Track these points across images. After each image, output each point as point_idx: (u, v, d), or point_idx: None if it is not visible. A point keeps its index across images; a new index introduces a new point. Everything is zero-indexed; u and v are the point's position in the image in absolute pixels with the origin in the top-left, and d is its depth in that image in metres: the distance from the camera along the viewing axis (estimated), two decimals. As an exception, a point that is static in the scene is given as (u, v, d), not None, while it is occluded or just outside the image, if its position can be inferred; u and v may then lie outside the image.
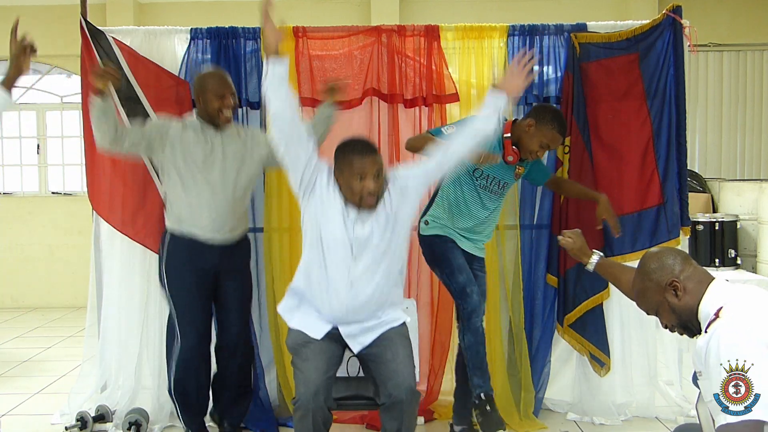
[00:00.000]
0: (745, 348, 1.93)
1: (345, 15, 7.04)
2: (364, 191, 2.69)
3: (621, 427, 3.83)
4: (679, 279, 2.17)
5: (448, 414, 3.89)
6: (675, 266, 2.19)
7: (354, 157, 2.70)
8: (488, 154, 3.11)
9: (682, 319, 2.18)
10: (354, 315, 2.80)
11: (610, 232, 3.73)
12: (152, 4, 7.50)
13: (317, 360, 2.74)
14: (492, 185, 3.39)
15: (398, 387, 2.71)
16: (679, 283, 2.16)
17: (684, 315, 2.16)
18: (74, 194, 7.84)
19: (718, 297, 2.10)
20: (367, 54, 3.87)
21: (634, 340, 3.93)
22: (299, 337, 2.81)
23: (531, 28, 3.86)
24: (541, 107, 3.41)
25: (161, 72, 3.82)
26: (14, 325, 6.77)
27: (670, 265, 2.19)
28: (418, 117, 3.89)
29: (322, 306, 2.81)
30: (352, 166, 2.70)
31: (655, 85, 3.80)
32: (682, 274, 2.17)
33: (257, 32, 3.84)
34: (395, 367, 2.74)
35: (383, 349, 2.79)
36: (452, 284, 3.34)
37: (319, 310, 2.83)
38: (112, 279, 3.89)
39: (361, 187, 2.69)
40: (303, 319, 2.85)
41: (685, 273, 2.17)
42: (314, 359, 2.74)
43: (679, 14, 3.78)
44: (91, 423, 3.74)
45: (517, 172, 3.45)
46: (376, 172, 2.71)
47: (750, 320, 1.99)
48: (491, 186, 3.39)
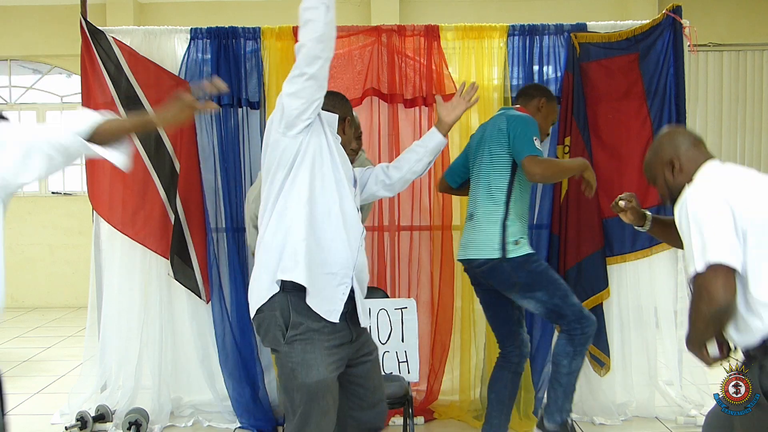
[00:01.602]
0: (703, 200, 2.02)
1: (345, 15, 7.03)
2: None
3: (621, 427, 3.83)
4: (679, 158, 2.25)
5: (448, 414, 3.90)
6: (681, 145, 2.26)
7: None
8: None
9: (673, 195, 2.26)
10: (360, 275, 2.43)
11: (610, 231, 3.75)
12: (152, 4, 7.50)
13: (334, 413, 2.35)
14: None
15: (380, 417, 2.54)
16: (676, 162, 2.26)
17: (675, 192, 2.25)
18: (74, 194, 7.85)
19: (704, 174, 2.19)
20: (367, 54, 3.88)
21: (634, 340, 3.94)
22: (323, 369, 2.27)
23: (531, 28, 3.86)
24: (537, 86, 3.42)
25: (161, 72, 3.82)
26: (14, 325, 6.77)
27: (677, 144, 2.27)
28: (418, 117, 3.90)
29: (336, 255, 2.32)
30: (354, 122, 2.75)
31: (655, 85, 3.80)
32: (685, 154, 2.25)
33: (257, 32, 3.85)
34: (381, 396, 2.54)
35: (370, 369, 2.50)
36: (568, 307, 3.00)
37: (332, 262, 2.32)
38: (112, 279, 3.89)
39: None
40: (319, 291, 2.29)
41: (688, 154, 2.25)
42: (333, 412, 2.34)
43: (679, 14, 3.78)
44: (91, 423, 3.74)
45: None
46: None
47: (716, 181, 2.10)
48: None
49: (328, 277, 2.29)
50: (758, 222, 1.97)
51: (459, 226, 3.92)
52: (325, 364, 2.27)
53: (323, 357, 2.27)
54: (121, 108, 3.75)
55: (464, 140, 3.90)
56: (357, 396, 2.46)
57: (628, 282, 3.91)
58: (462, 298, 3.92)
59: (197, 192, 3.83)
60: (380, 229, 3.91)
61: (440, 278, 3.88)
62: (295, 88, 2.29)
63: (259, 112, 3.87)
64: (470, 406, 3.94)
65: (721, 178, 2.13)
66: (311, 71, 2.26)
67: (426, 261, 3.93)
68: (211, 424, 3.88)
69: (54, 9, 7.46)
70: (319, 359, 2.26)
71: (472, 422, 3.85)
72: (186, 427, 3.87)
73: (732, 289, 1.92)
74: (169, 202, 3.80)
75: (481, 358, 3.95)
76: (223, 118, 3.83)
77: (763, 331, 1.94)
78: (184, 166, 3.79)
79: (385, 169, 2.75)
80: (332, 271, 2.31)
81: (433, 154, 2.76)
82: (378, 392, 2.52)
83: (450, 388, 3.99)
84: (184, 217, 3.78)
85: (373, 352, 2.52)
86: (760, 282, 1.95)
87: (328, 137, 2.40)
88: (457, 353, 3.96)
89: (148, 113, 2.32)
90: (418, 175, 2.81)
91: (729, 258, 1.92)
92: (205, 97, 2.34)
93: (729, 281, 1.92)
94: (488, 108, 3.88)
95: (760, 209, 1.99)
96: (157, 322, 3.86)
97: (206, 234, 3.84)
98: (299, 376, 2.26)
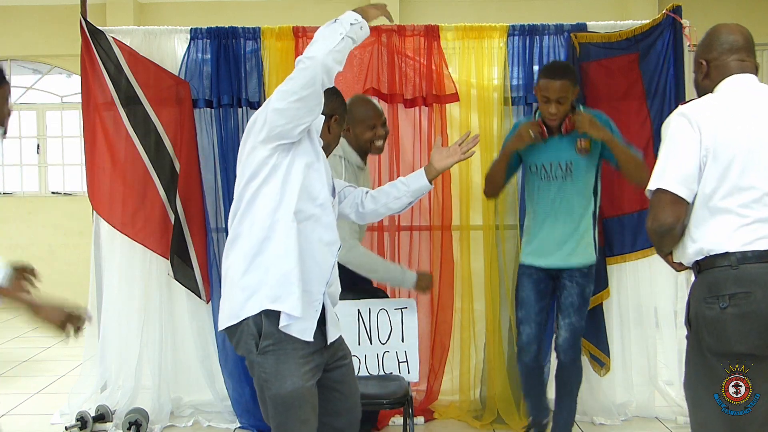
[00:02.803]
0: (680, 125, 2.10)
1: (345, 15, 7.03)
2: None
3: (621, 427, 3.83)
4: (708, 61, 2.22)
5: (448, 414, 3.90)
6: (715, 48, 2.20)
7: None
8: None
9: (699, 97, 2.26)
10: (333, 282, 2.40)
11: (610, 231, 3.75)
12: (152, 4, 7.50)
13: (314, 421, 2.31)
14: (554, 170, 3.29)
15: (354, 423, 2.49)
16: (704, 65, 2.24)
17: (701, 95, 2.26)
18: (74, 194, 7.84)
19: (720, 90, 2.19)
20: (367, 54, 3.87)
21: (634, 340, 3.93)
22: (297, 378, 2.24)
23: (531, 28, 3.86)
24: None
25: (161, 72, 3.82)
26: (14, 325, 6.76)
27: (720, 43, 2.20)
28: (418, 117, 3.89)
29: (311, 273, 2.27)
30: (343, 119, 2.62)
31: (655, 85, 3.80)
32: (717, 59, 2.20)
33: (257, 32, 3.84)
34: (355, 402, 2.50)
35: (345, 373, 2.47)
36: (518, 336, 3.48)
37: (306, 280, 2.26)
38: (112, 279, 3.89)
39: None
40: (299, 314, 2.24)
41: (720, 60, 2.19)
42: (313, 420, 2.30)
43: (679, 14, 3.78)
44: (91, 423, 3.74)
45: (579, 147, 3.23)
46: None
47: (700, 105, 2.15)
48: (552, 172, 3.29)
49: (303, 294, 2.24)
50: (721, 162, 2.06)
51: (459, 227, 3.92)
52: (299, 373, 2.24)
53: (297, 366, 2.24)
54: (121, 108, 3.75)
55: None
56: (331, 401, 2.42)
57: (628, 282, 3.91)
58: (462, 298, 3.92)
59: (197, 192, 3.83)
60: (380, 229, 3.90)
61: (440, 278, 3.88)
62: (283, 105, 2.21)
63: (259, 112, 3.86)
64: (470, 406, 3.94)
65: (720, 102, 2.15)
66: (303, 94, 2.18)
67: (426, 261, 3.92)
68: (211, 424, 3.88)
69: (54, 9, 7.45)
70: (293, 369, 2.24)
71: (472, 422, 3.85)
72: (186, 427, 3.87)
73: (675, 214, 2.08)
74: (169, 202, 3.80)
75: (481, 358, 3.95)
76: (223, 118, 3.83)
77: (692, 256, 2.12)
78: (184, 166, 3.79)
79: (363, 196, 2.66)
80: (306, 289, 2.25)
81: (415, 196, 2.65)
82: (352, 398, 2.48)
83: (450, 388, 3.98)
84: (184, 217, 3.78)
85: (347, 356, 2.49)
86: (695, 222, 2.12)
87: (315, 144, 2.34)
88: (457, 353, 3.96)
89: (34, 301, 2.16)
90: (394, 213, 2.75)
91: (679, 189, 2.07)
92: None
93: (675, 207, 2.07)
94: (488, 108, 3.88)
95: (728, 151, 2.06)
96: (157, 322, 3.86)
97: (206, 234, 3.84)
98: (273, 387, 2.24)
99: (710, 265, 2.07)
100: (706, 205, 2.07)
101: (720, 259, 2.05)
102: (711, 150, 2.05)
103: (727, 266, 2.03)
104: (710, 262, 2.07)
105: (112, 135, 3.81)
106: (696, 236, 2.09)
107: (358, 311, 3.21)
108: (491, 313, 3.89)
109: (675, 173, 2.07)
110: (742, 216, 2.04)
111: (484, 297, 3.91)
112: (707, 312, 2.06)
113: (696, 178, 2.07)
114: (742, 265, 2.01)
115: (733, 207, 2.05)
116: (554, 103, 3.19)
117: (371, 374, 3.19)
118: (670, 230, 2.10)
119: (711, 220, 2.07)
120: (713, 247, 2.06)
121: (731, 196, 2.05)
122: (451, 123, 3.91)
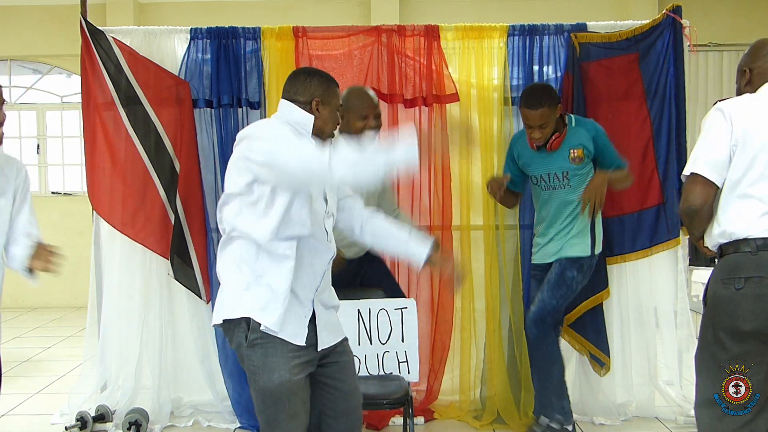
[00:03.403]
0: (716, 116, 2.30)
1: (345, 15, 7.03)
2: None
3: (621, 427, 3.83)
4: (753, 69, 2.40)
5: (448, 414, 3.90)
6: (763, 57, 2.38)
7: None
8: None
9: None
10: (324, 289, 2.39)
11: (610, 231, 3.75)
12: (152, 4, 7.50)
13: (304, 415, 2.31)
14: (552, 181, 3.50)
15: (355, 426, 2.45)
16: (747, 72, 2.42)
17: None
18: (74, 194, 7.84)
19: (760, 91, 2.35)
20: (367, 54, 3.87)
21: (634, 340, 3.93)
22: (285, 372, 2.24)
23: (531, 28, 3.86)
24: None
25: (161, 72, 3.82)
26: (14, 325, 6.76)
27: (764, 53, 2.38)
28: (418, 117, 3.89)
29: (299, 281, 2.29)
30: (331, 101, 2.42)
31: (655, 85, 3.80)
32: (762, 67, 2.37)
33: (257, 32, 3.84)
34: (356, 404, 2.46)
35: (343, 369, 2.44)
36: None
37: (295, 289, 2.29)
38: (112, 279, 3.89)
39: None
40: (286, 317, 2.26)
41: (765, 68, 2.37)
42: (303, 414, 2.30)
43: (679, 14, 3.78)
44: (91, 423, 3.74)
45: (572, 156, 3.45)
46: None
47: (736, 101, 2.33)
48: (552, 183, 3.50)
49: (291, 303, 2.26)
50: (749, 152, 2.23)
51: (459, 226, 3.92)
52: (287, 367, 2.24)
53: (286, 360, 2.24)
54: (121, 108, 3.75)
55: (464, 140, 3.89)
56: (329, 400, 2.41)
57: (628, 282, 3.91)
58: (462, 298, 3.91)
59: (197, 192, 3.83)
60: (380, 229, 3.90)
61: (440, 278, 3.87)
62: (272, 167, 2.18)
63: (259, 112, 3.86)
64: (470, 406, 3.94)
65: (756, 100, 2.33)
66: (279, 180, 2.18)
67: (426, 261, 3.92)
68: (211, 424, 3.88)
69: (54, 9, 7.45)
70: (281, 362, 2.24)
71: (472, 422, 3.85)
72: (186, 427, 3.87)
73: (704, 196, 2.26)
74: (169, 202, 3.80)
75: (481, 358, 3.95)
76: (223, 118, 3.83)
77: (717, 238, 2.30)
78: (184, 166, 3.79)
79: (364, 222, 2.51)
80: (295, 292, 2.27)
81: (407, 257, 2.50)
82: (353, 399, 2.45)
83: (450, 388, 3.98)
84: (184, 217, 3.78)
85: (345, 353, 2.46)
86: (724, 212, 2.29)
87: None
88: (457, 353, 3.96)
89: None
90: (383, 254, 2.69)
91: (709, 174, 2.25)
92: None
93: (705, 190, 2.26)
94: (488, 108, 3.88)
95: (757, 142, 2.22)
96: (157, 322, 3.86)
97: (206, 234, 3.84)
98: (260, 380, 2.24)
99: (732, 249, 2.25)
100: (733, 191, 2.24)
101: (742, 244, 2.22)
102: (741, 140, 2.23)
103: (747, 252, 2.21)
104: (733, 247, 2.25)
105: (112, 135, 3.81)
106: (722, 219, 2.27)
107: (358, 311, 3.21)
108: (491, 313, 3.89)
109: (707, 159, 2.26)
110: (765, 203, 2.20)
111: (484, 297, 3.91)
112: (723, 291, 2.25)
113: (726, 165, 2.25)
114: (762, 252, 2.19)
115: (757, 194, 2.21)
116: (537, 129, 3.40)
117: (371, 374, 3.19)
118: (698, 211, 2.28)
119: (736, 205, 2.24)
120: (736, 231, 2.23)
121: (757, 184, 2.22)
122: (451, 123, 3.91)
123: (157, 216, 3.81)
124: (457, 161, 3.90)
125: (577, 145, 3.44)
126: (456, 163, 3.90)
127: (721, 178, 2.26)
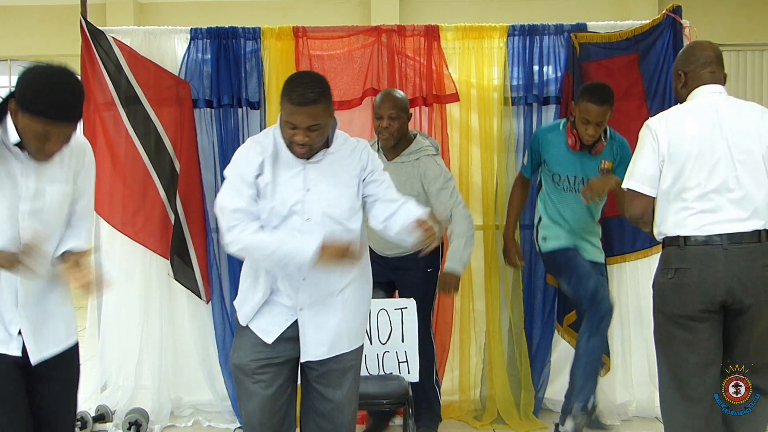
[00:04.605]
0: (647, 131, 2.59)
1: (345, 15, 7.04)
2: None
3: (621, 427, 3.83)
4: (687, 72, 2.62)
5: (448, 414, 3.89)
6: (693, 62, 2.61)
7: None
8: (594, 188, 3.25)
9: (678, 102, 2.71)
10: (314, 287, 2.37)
11: (610, 231, 3.75)
12: (152, 4, 7.51)
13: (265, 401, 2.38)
14: (575, 183, 3.48)
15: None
16: (682, 75, 2.64)
17: (678, 101, 2.73)
18: (74, 194, 7.83)
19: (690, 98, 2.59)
20: (367, 54, 3.88)
21: (634, 340, 3.93)
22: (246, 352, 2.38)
23: (531, 28, 3.86)
24: (582, 86, 3.54)
25: (161, 72, 3.82)
26: (14, 325, 6.75)
27: (696, 58, 2.61)
28: (418, 117, 3.89)
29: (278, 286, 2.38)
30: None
31: (655, 85, 3.80)
32: (695, 71, 2.60)
33: (257, 32, 3.84)
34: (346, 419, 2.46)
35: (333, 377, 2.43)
36: (581, 291, 3.42)
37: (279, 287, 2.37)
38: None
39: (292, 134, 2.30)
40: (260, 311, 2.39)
41: (697, 72, 2.59)
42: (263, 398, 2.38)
43: (679, 14, 3.78)
44: (91, 423, 3.74)
45: (602, 167, 3.38)
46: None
47: (662, 117, 2.59)
48: (576, 186, 3.48)
49: (266, 305, 2.39)
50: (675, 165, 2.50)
51: (459, 226, 3.92)
52: (250, 347, 2.37)
53: (251, 343, 2.38)
54: (121, 108, 3.75)
55: (464, 140, 3.91)
56: (314, 400, 2.44)
57: (628, 282, 3.91)
58: (462, 298, 3.91)
59: (197, 192, 3.83)
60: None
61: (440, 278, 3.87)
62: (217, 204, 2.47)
63: (259, 112, 3.86)
64: (470, 406, 3.94)
65: (681, 113, 2.59)
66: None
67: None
68: (211, 424, 3.88)
69: (54, 9, 7.46)
70: (245, 342, 2.39)
71: (472, 422, 3.85)
72: (186, 427, 3.87)
73: (642, 207, 2.58)
74: (169, 202, 3.80)
75: (481, 358, 3.95)
76: (223, 118, 3.83)
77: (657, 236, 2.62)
78: (184, 166, 3.79)
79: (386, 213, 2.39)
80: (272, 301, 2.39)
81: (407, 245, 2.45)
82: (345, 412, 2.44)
83: (450, 388, 3.98)
84: (184, 217, 3.78)
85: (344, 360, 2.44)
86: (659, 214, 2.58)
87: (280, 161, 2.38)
88: (457, 353, 3.96)
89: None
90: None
91: (642, 188, 2.56)
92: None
93: (641, 201, 2.57)
94: (488, 108, 3.88)
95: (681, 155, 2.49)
96: (157, 322, 3.86)
97: (206, 234, 3.84)
98: (232, 355, 2.44)
99: (667, 244, 2.56)
100: (665, 198, 2.54)
101: (674, 240, 2.53)
102: (666, 155, 2.52)
103: (676, 246, 2.52)
104: (667, 242, 2.56)
105: (112, 135, 3.81)
106: (658, 221, 2.58)
107: (358, 311, 3.21)
108: (491, 313, 3.89)
109: (640, 176, 2.58)
110: (690, 208, 2.49)
111: (484, 297, 3.92)
112: (660, 280, 2.58)
113: (657, 177, 2.55)
114: (687, 247, 2.49)
115: (684, 200, 2.50)
116: (593, 125, 3.36)
117: (371, 374, 3.19)
118: (639, 219, 2.61)
119: (668, 209, 2.54)
120: (668, 231, 2.54)
121: (683, 192, 2.50)
122: (451, 123, 3.91)
123: (157, 216, 3.81)
124: (457, 161, 3.90)
125: (609, 158, 3.44)
126: (456, 163, 3.90)
127: (654, 189, 2.55)
